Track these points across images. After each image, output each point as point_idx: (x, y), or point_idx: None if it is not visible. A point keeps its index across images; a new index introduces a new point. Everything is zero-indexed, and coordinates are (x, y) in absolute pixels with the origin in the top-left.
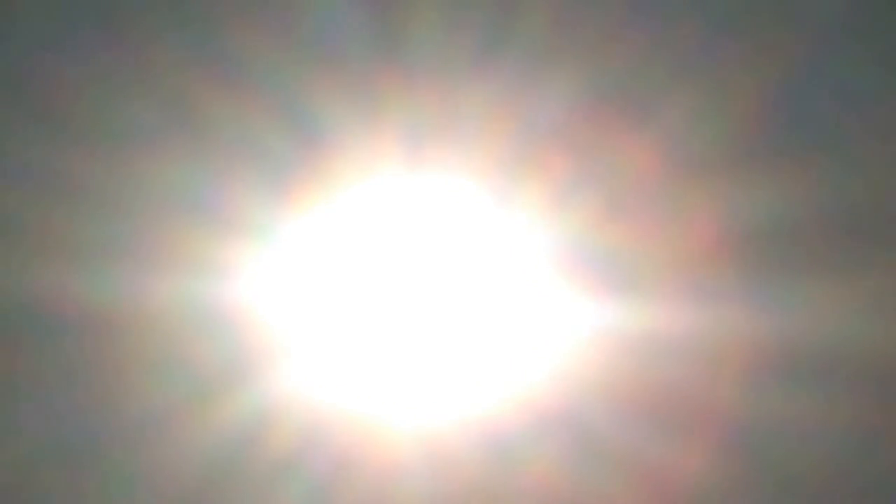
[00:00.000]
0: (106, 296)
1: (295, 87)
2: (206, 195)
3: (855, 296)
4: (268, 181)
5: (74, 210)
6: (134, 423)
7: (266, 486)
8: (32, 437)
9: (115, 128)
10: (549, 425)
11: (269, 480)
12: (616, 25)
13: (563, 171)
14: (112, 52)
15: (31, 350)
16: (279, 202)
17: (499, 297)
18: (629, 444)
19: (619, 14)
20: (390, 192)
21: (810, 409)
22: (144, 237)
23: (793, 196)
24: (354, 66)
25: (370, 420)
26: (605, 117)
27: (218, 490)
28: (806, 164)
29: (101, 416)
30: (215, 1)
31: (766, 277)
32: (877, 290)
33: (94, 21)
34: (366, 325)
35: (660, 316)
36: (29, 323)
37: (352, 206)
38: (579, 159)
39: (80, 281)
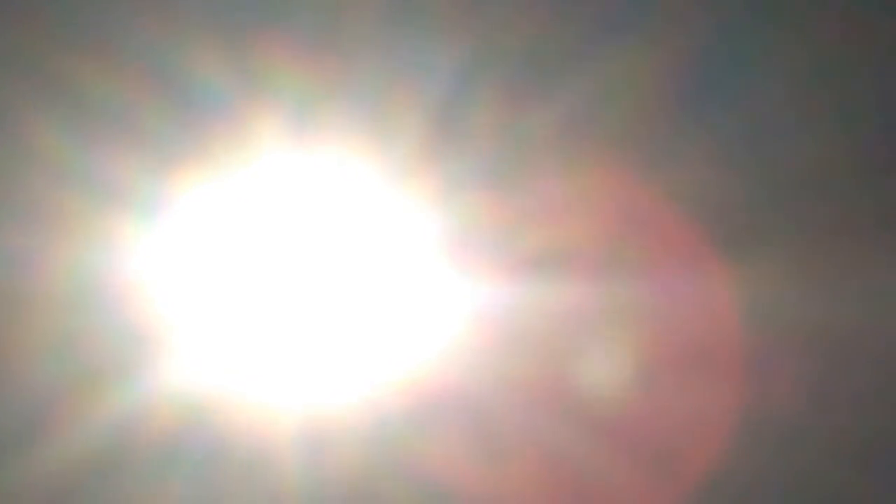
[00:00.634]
0: None
1: (181, 59)
2: (90, 170)
3: (754, 274)
4: (152, 157)
5: None
6: (19, 405)
7: (150, 469)
8: None
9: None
10: (437, 410)
11: (153, 463)
12: (512, 7)
13: (458, 149)
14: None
15: None
16: (164, 179)
17: (389, 278)
18: (519, 426)
19: None
20: (278, 168)
21: (702, 398)
22: (31, 212)
23: (693, 173)
24: (241, 34)
25: (255, 403)
26: (503, 92)
27: (101, 474)
28: (708, 144)
29: None
30: None
31: (663, 256)
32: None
33: None
34: (252, 306)
35: (552, 296)
36: None
37: (239, 183)
38: (474, 138)
39: None
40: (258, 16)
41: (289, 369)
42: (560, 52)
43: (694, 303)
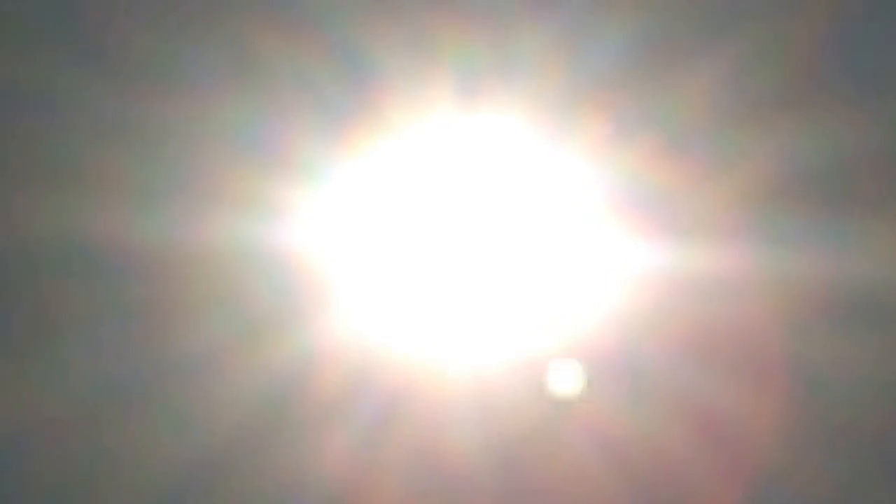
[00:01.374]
0: (160, 236)
1: (350, 28)
2: (260, 136)
3: None
4: (321, 123)
5: (128, 150)
6: (186, 362)
7: (315, 426)
8: (86, 376)
9: (170, 69)
10: (602, 367)
11: (318, 421)
12: None
13: (617, 113)
14: None
15: (86, 289)
16: (333, 144)
17: (553, 239)
18: (682, 385)
19: None
20: (444, 133)
21: (862, 352)
22: (199, 178)
23: (847, 138)
24: (409, 7)
25: (420, 361)
26: (660, 59)
27: (268, 430)
28: (860, 106)
29: (154, 355)
30: None
31: (820, 219)
32: None
33: None
34: (418, 265)
35: (713, 257)
36: (84, 262)
37: (405, 149)
38: (633, 101)
39: (134, 221)
40: None
41: (456, 328)
42: (719, 17)
43: (848, 260)
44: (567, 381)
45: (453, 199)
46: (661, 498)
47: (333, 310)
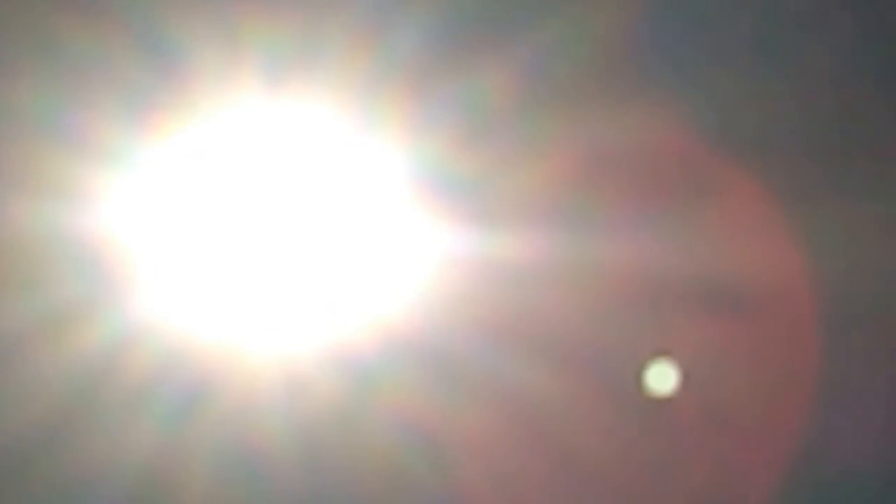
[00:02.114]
0: None
1: (154, 12)
2: (65, 121)
3: (713, 224)
4: (127, 108)
5: None
6: None
7: (123, 413)
8: None
9: None
10: (407, 352)
11: (127, 407)
12: None
13: (424, 98)
14: None
15: None
16: (139, 129)
17: (358, 225)
18: (486, 370)
19: None
20: (249, 118)
21: (667, 337)
22: (2, 163)
23: (652, 124)
24: None
25: (228, 346)
26: (465, 44)
27: (71, 418)
28: (666, 93)
29: None
30: None
31: (622, 206)
32: (735, 218)
33: None
34: (224, 252)
35: (518, 243)
36: None
37: (211, 134)
38: (439, 87)
39: None
40: None
41: (263, 313)
42: (524, 2)
43: (654, 246)
44: (376, 368)
45: (258, 186)
46: (467, 481)
47: (137, 296)
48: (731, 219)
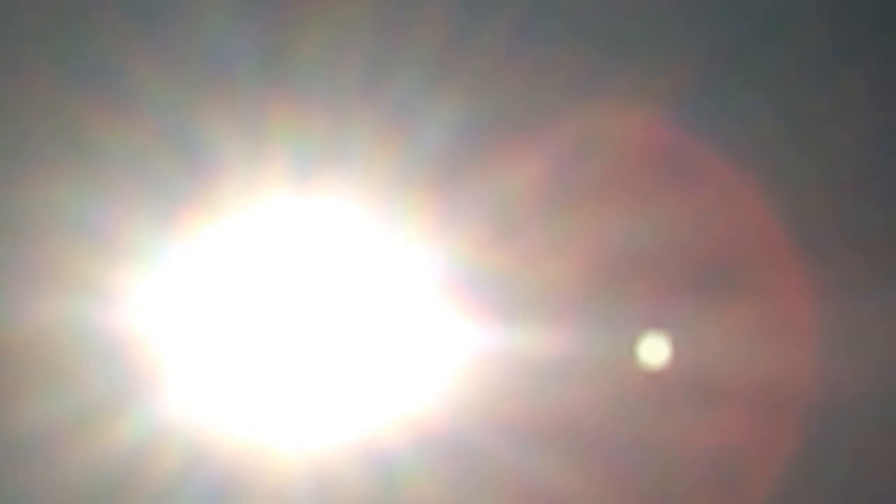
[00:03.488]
0: None
1: (183, 109)
2: (93, 218)
3: (745, 322)
4: (155, 205)
5: None
6: (18, 445)
7: None
8: None
9: (1, 150)
10: (434, 448)
11: (154, 501)
12: (502, 53)
13: (451, 195)
14: (0, 75)
15: None
16: (166, 226)
17: (386, 321)
18: (514, 466)
19: (507, 39)
20: (278, 215)
21: (695, 433)
22: (30, 259)
23: (681, 221)
24: (243, 92)
25: (256, 442)
26: (493, 141)
27: None
28: (693, 190)
29: None
30: (106, 23)
31: (653, 302)
32: (765, 316)
33: None
34: (251, 348)
35: (546, 339)
36: None
37: (239, 230)
38: (466, 184)
39: None
40: (261, 72)
41: (290, 409)
42: (546, 98)
43: (684, 343)
44: (404, 464)
45: (286, 283)
46: None
47: (165, 393)
48: (764, 316)
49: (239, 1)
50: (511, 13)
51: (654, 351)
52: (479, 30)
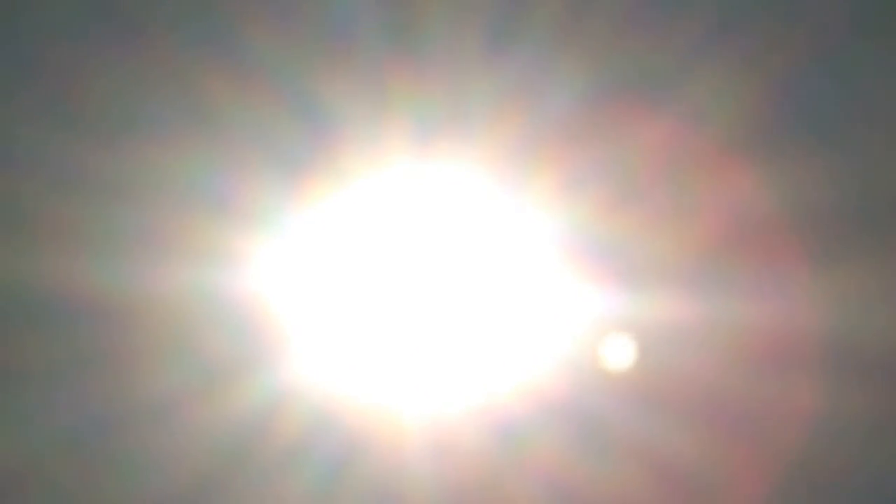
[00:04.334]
0: (116, 285)
1: (305, 78)
2: (217, 185)
3: (863, 287)
4: (278, 172)
5: (85, 200)
6: (144, 411)
7: (275, 473)
8: (42, 426)
9: (125, 118)
10: (556, 414)
11: (279, 467)
12: (624, 18)
13: (573, 161)
14: (123, 44)
15: (41, 339)
16: (289, 192)
17: (507, 287)
18: (637, 433)
19: (626, 6)
20: (399, 183)
21: (818, 400)
22: (155, 227)
23: (801, 186)
24: (365, 58)
25: (378, 408)
26: (614, 108)
27: (228, 477)
28: (813, 155)
29: (111, 404)
30: None
31: (775, 267)
32: (884, 281)
33: (104, 13)
34: (373, 314)
35: (668, 306)
36: (40, 312)
37: (361, 197)
38: (588, 150)
39: (90, 270)
40: (383, 37)
41: (412, 374)
42: (668, 62)
43: (804, 308)
44: (525, 430)
45: (409, 248)
46: None
47: (288, 358)
48: (874, 283)
49: None
50: None
51: (771, 316)
52: None
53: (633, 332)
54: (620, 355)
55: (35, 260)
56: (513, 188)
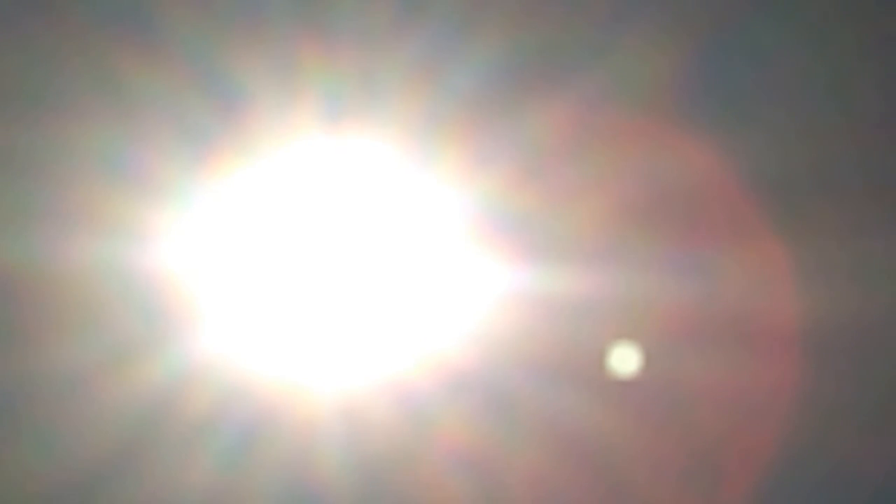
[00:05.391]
0: (23, 259)
1: (215, 52)
2: (125, 160)
3: (772, 260)
4: (186, 147)
5: None
6: (52, 385)
7: (184, 447)
8: None
9: (33, 92)
10: (463, 387)
11: (187, 441)
12: None
13: (481, 136)
14: (32, 18)
15: None
16: (198, 168)
17: (415, 261)
18: (542, 405)
19: None
20: (308, 158)
21: (722, 374)
22: (63, 201)
23: (705, 162)
24: (274, 33)
25: (287, 382)
26: (522, 83)
27: (136, 452)
28: (719, 131)
29: (20, 377)
30: None
31: (679, 242)
32: (794, 255)
33: None
34: (282, 288)
35: (573, 279)
36: None
37: (269, 173)
38: (497, 125)
39: (0, 243)
40: (291, 12)
41: (319, 349)
42: (575, 39)
43: (708, 283)
44: (433, 403)
45: (317, 223)
46: None
47: (197, 333)
48: (775, 257)
49: None
50: None
51: (680, 292)
52: None
53: (541, 306)
54: (529, 329)
55: None
56: (421, 163)
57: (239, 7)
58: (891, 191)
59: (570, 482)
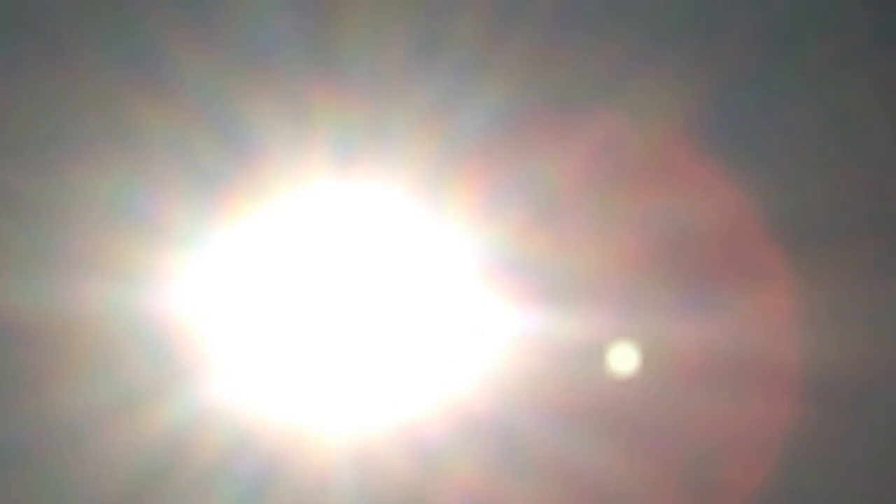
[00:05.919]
0: (35, 303)
1: (226, 96)
2: (137, 204)
3: (783, 305)
4: (198, 190)
5: (4, 218)
6: (64, 430)
7: (195, 493)
8: None
9: (46, 136)
10: (475, 431)
11: (199, 487)
12: (543, 36)
13: (492, 180)
14: (44, 62)
15: None
16: (210, 211)
17: (427, 305)
18: (554, 450)
19: (548, 26)
20: (320, 201)
21: (734, 416)
22: (75, 245)
23: (720, 205)
24: (286, 77)
25: (299, 426)
26: (534, 127)
27: (148, 496)
28: (733, 174)
29: (32, 423)
30: (148, 11)
31: (692, 286)
32: (804, 299)
33: (25, 30)
34: (295, 333)
35: (586, 323)
36: None
37: (282, 216)
38: (508, 169)
39: (9, 288)
40: (303, 57)
41: (332, 394)
42: (587, 81)
43: (722, 327)
44: (446, 448)
45: (329, 267)
46: None
47: (208, 378)
48: (795, 301)
49: None
50: None
51: (688, 336)
52: (521, 16)
53: (552, 350)
54: (541, 373)
55: None
56: (432, 208)
57: (251, 53)
58: None
59: None
